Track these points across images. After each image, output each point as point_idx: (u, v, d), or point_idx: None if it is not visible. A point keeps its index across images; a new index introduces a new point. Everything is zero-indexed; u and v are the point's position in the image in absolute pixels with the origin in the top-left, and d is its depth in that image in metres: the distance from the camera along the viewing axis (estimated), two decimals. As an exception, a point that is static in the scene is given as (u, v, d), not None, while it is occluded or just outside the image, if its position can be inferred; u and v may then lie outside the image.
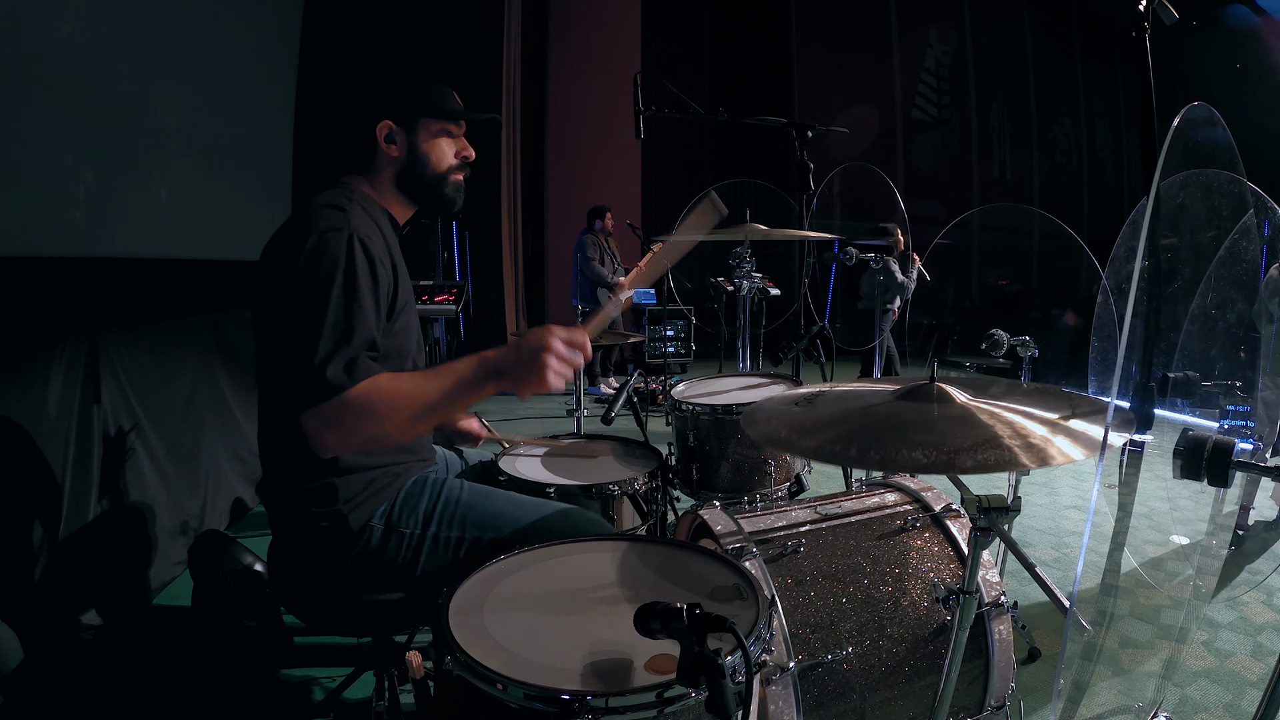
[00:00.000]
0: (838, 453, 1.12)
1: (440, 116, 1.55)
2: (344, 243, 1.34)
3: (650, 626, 0.87)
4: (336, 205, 1.42)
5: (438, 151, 1.56)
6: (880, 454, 1.09)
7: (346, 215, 1.40)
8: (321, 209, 1.41)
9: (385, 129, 1.52)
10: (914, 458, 1.06)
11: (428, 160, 1.55)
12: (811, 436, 1.20)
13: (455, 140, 1.59)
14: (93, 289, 2.56)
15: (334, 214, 1.39)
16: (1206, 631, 2.49)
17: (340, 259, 1.33)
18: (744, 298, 3.25)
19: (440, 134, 1.56)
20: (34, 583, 2.16)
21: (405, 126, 1.53)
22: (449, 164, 1.58)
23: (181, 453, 2.91)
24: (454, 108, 1.57)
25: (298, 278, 1.32)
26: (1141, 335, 1.54)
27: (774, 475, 2.17)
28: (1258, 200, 2.28)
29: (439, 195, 1.59)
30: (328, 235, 1.34)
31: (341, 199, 1.45)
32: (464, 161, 1.61)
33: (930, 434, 1.11)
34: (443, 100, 1.56)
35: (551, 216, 8.62)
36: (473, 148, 1.62)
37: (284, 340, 1.33)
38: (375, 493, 1.48)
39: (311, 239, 1.33)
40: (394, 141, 1.53)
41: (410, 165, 1.55)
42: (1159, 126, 1.45)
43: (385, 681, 1.64)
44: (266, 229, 1.47)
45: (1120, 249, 2.57)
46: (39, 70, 2.27)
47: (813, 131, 2.43)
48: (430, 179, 1.57)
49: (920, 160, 10.00)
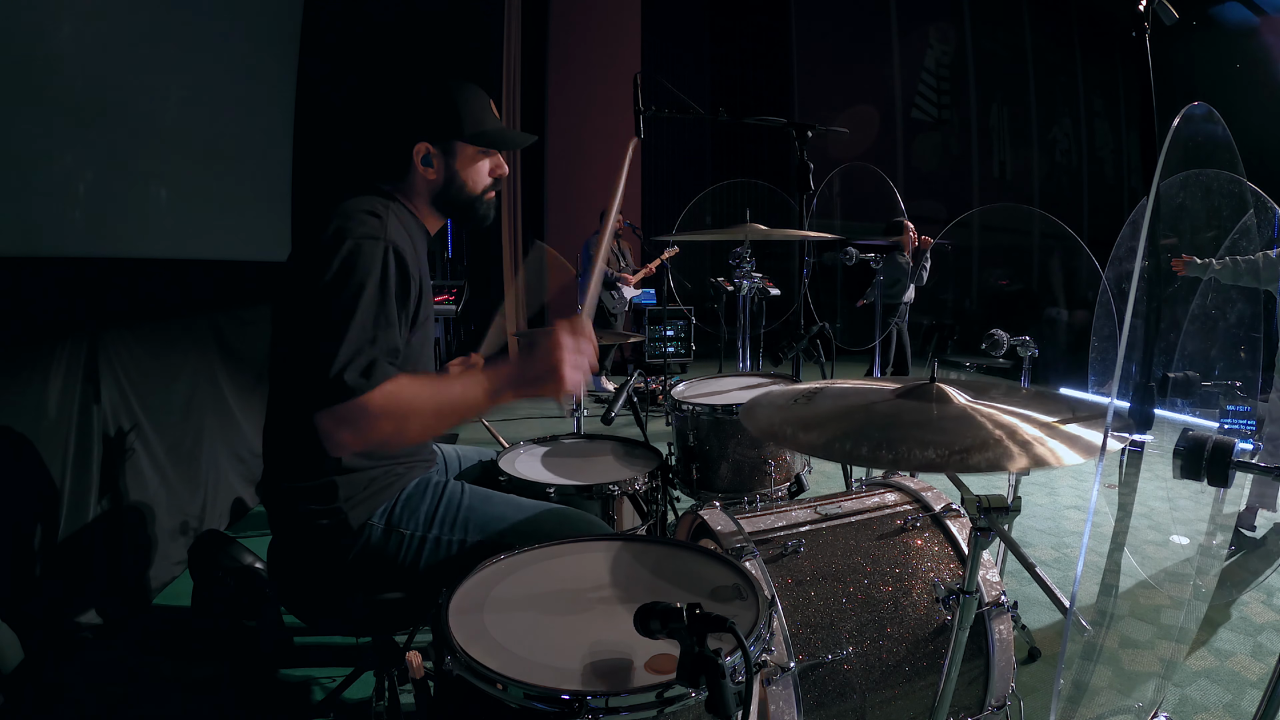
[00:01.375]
0: (849, 451, 1.13)
1: (479, 142, 1.52)
2: (379, 252, 1.34)
3: (650, 626, 0.87)
4: (374, 212, 1.41)
5: (475, 174, 1.54)
6: (894, 453, 1.08)
7: (384, 224, 1.39)
8: (358, 214, 1.39)
9: (422, 150, 1.49)
10: (926, 456, 1.06)
11: (465, 184, 1.54)
12: (817, 433, 1.20)
13: (491, 158, 1.57)
14: (93, 289, 2.56)
15: (371, 221, 1.38)
16: (1206, 631, 2.49)
17: (375, 268, 1.32)
18: (744, 298, 3.25)
19: (477, 155, 1.53)
20: (34, 583, 2.16)
21: (443, 149, 1.50)
22: (484, 184, 1.57)
23: (181, 453, 2.91)
24: (493, 131, 1.53)
25: (329, 282, 1.30)
26: (1141, 335, 1.55)
27: (774, 475, 2.17)
28: (1258, 200, 2.28)
29: (473, 214, 1.58)
30: (364, 243, 1.33)
31: (378, 206, 1.43)
32: (498, 180, 1.59)
33: (939, 433, 1.11)
34: (483, 121, 1.52)
35: (551, 216, 8.61)
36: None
37: (306, 342, 1.32)
38: (376, 492, 1.48)
39: (348, 244, 1.32)
40: (430, 164, 1.50)
41: (447, 187, 1.53)
42: (1159, 126, 1.45)
43: (385, 681, 1.64)
44: (267, 229, 1.47)
45: (1120, 249, 2.56)
46: (39, 70, 2.27)
47: (813, 131, 2.42)
48: (465, 200, 1.55)
49: (920, 160, 10.01)
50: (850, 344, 4.98)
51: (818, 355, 2.57)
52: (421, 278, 1.48)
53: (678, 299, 5.60)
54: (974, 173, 10.37)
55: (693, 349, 7.57)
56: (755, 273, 3.21)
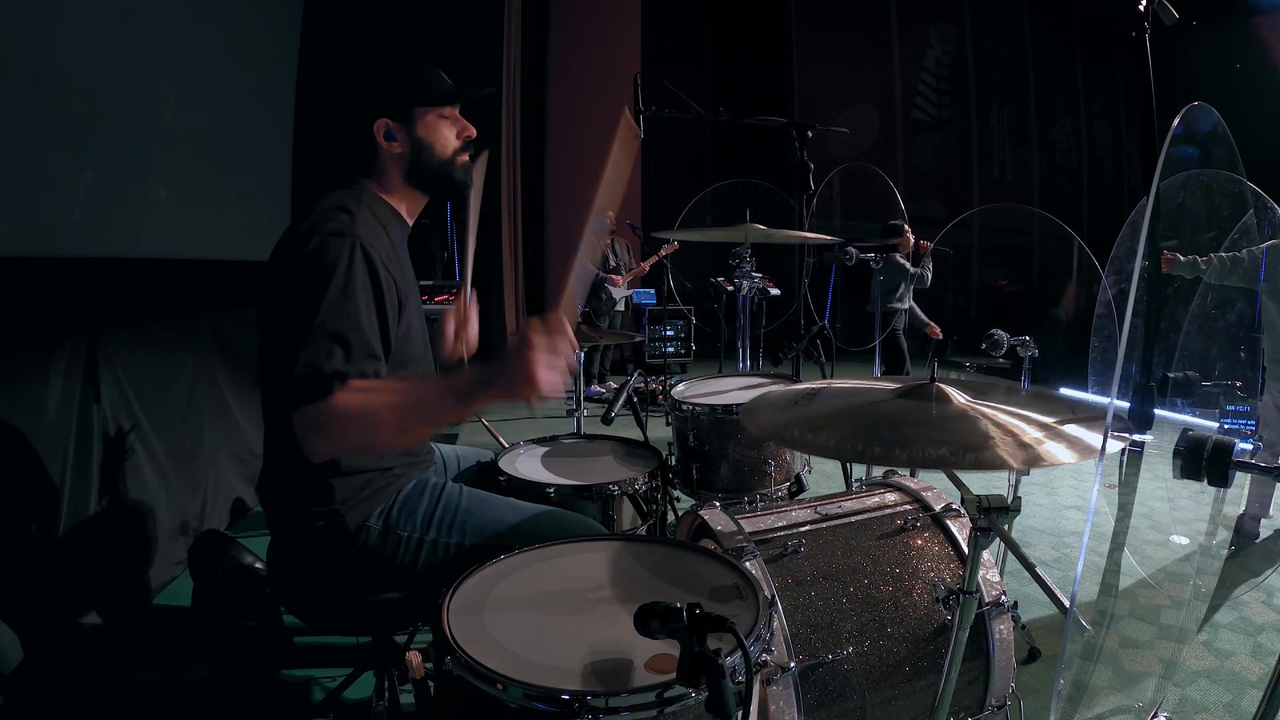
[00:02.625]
0: (860, 451, 1.13)
1: (434, 102, 1.52)
2: (345, 248, 1.33)
3: (650, 626, 0.87)
4: (344, 208, 1.40)
5: (440, 138, 1.54)
6: (907, 451, 1.08)
7: (353, 219, 1.38)
8: (328, 211, 1.39)
9: (383, 127, 1.49)
10: (940, 455, 1.06)
11: (432, 149, 1.53)
12: (826, 433, 1.20)
13: (455, 122, 1.56)
14: (93, 289, 2.55)
15: (341, 217, 1.38)
16: (1207, 632, 2.49)
17: (339, 264, 1.31)
18: (744, 298, 3.25)
19: (438, 119, 1.53)
20: (34, 583, 2.16)
21: (402, 120, 1.50)
22: (453, 147, 1.56)
23: (181, 453, 2.91)
24: (446, 89, 1.54)
25: (296, 278, 1.32)
26: (1141, 335, 1.54)
27: (774, 475, 2.17)
28: (1258, 200, 2.28)
29: (449, 180, 1.57)
30: (329, 239, 1.33)
31: (349, 201, 1.43)
32: (468, 141, 1.58)
33: (949, 432, 1.11)
34: (434, 83, 1.53)
35: (551, 216, 8.61)
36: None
37: (277, 340, 1.33)
38: (373, 493, 1.48)
39: (314, 240, 1.33)
40: (394, 138, 1.50)
41: (416, 158, 1.53)
42: (1159, 126, 1.45)
43: (385, 681, 1.64)
44: (266, 229, 1.47)
45: (1120, 249, 2.56)
46: (39, 70, 2.27)
47: (813, 131, 2.42)
48: (438, 167, 1.54)
49: (920, 160, 10.00)
50: (850, 344, 4.98)
51: (818, 355, 2.57)
52: (397, 272, 1.45)
53: (678, 299, 5.59)
54: (974, 173, 10.37)
55: (693, 349, 7.57)
56: (755, 273, 3.21)
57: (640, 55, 8.42)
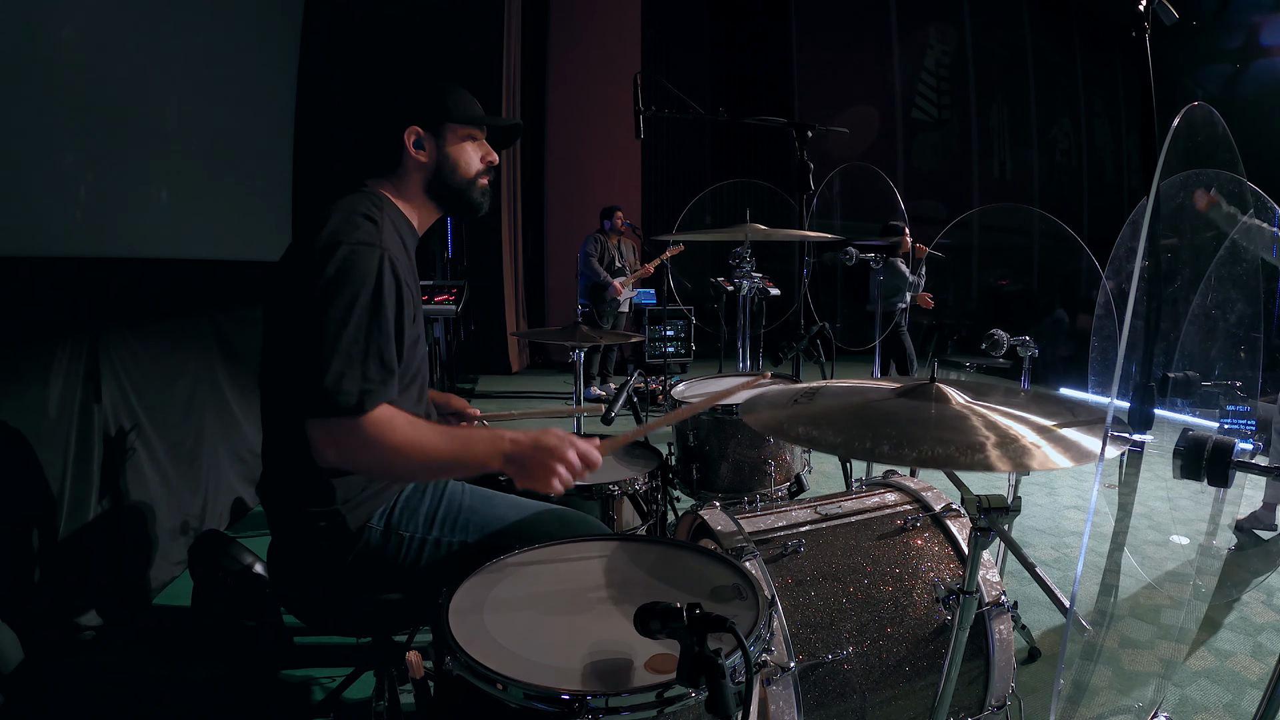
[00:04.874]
0: (868, 449, 1.14)
1: (467, 122, 1.54)
2: (375, 261, 1.32)
3: (650, 626, 0.87)
4: (369, 216, 1.39)
5: (465, 157, 1.55)
6: (916, 450, 1.09)
7: (379, 230, 1.38)
8: (354, 218, 1.37)
9: (413, 134, 1.50)
10: (950, 454, 1.06)
11: (456, 166, 1.54)
12: (832, 430, 1.20)
13: (480, 145, 1.59)
14: (93, 289, 2.56)
15: (367, 226, 1.37)
16: (1207, 631, 2.49)
17: (370, 277, 1.30)
18: (744, 298, 3.25)
19: (466, 139, 1.55)
20: (34, 583, 2.16)
21: (433, 132, 1.52)
22: (476, 169, 1.57)
23: (181, 453, 2.91)
24: (478, 113, 1.57)
25: (323, 287, 1.29)
26: (1141, 335, 1.54)
27: (774, 475, 2.17)
28: (1258, 200, 2.28)
29: (466, 200, 1.58)
30: (359, 249, 1.32)
31: (371, 209, 1.42)
32: (489, 166, 1.60)
33: (955, 431, 1.12)
34: (469, 105, 1.55)
35: (551, 216, 8.61)
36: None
37: (298, 347, 1.31)
38: (374, 494, 1.48)
39: (343, 250, 1.31)
40: (422, 147, 1.51)
41: (439, 171, 1.54)
42: (1159, 126, 1.45)
43: (385, 681, 1.64)
44: (266, 229, 1.47)
45: (1120, 249, 2.56)
46: (40, 70, 2.27)
47: (813, 131, 2.42)
48: (459, 184, 1.56)
49: (920, 160, 10.00)
50: (850, 344, 4.98)
51: (818, 355, 2.57)
52: (413, 284, 1.47)
53: (678, 299, 5.59)
54: (974, 173, 10.37)
55: (693, 349, 7.57)
56: (755, 273, 3.21)
57: (640, 55, 8.41)
